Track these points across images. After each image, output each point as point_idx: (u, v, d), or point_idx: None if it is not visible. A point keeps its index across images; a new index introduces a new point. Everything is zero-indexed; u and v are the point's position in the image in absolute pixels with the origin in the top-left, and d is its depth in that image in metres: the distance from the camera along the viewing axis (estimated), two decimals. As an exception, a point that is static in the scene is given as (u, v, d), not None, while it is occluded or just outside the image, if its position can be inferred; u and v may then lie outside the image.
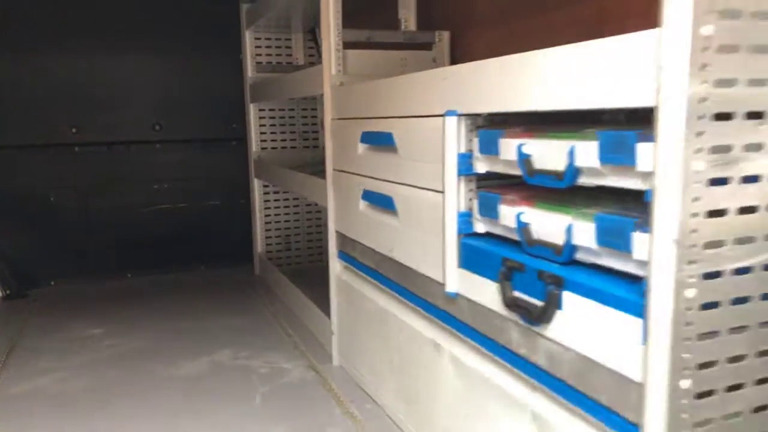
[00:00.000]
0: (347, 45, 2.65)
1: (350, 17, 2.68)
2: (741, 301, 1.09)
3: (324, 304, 2.92)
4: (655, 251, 1.06)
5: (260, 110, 4.25)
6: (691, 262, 1.04)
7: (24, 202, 4.11)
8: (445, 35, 2.98)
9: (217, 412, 2.39)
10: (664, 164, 1.03)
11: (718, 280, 1.06)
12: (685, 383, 1.07)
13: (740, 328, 1.10)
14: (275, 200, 4.32)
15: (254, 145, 4.28)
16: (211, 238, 4.49)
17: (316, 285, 3.28)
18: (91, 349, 3.08)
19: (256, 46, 4.21)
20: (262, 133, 4.28)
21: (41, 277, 4.19)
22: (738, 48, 1.01)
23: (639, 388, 1.12)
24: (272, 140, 4.30)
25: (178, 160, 4.41)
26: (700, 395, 1.09)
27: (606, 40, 1.16)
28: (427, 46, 3.00)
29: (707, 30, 0.98)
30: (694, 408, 1.09)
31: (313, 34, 4.26)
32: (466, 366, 1.72)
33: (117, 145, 4.30)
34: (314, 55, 4.33)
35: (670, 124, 1.02)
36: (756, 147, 1.06)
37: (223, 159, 4.48)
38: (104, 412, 2.42)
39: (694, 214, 1.03)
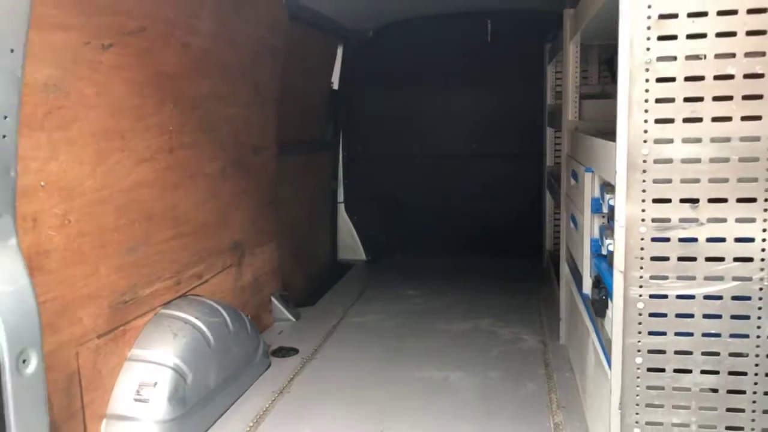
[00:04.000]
0: (584, 96, 3.40)
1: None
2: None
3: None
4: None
5: (556, 132, 5.10)
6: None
7: (379, 200, 5.75)
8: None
9: (463, 353, 3.48)
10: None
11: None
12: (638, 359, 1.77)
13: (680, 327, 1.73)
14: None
15: (548, 160, 5.16)
16: (510, 233, 5.53)
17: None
18: (404, 304, 4.45)
19: (557, 78, 5.04)
20: (556, 150, 5.12)
21: (388, 251, 5.80)
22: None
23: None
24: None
25: (488, 170, 5.56)
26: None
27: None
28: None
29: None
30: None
31: (608, 63, 4.90)
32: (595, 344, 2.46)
33: (445, 158, 5.66)
34: (608, 83, 4.97)
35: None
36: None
37: (523, 170, 5.48)
38: (399, 342, 3.72)
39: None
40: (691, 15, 1.65)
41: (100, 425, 2.45)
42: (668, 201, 1.72)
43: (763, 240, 1.68)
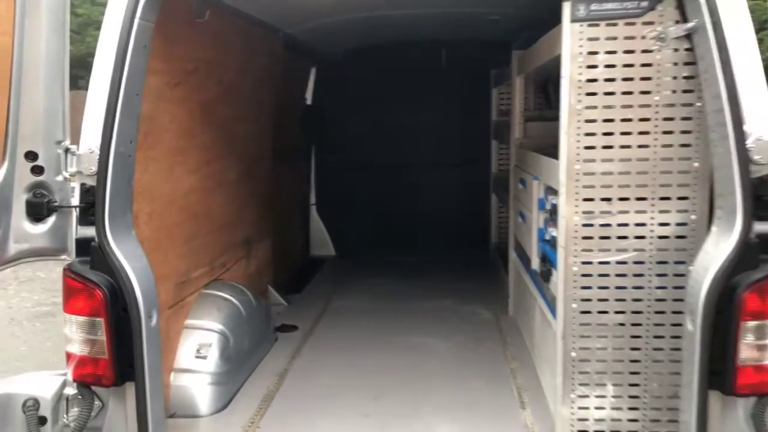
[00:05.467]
0: (527, 119, 4.32)
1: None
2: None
3: (510, 278, 4.65)
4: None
5: (499, 144, 6.04)
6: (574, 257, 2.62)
7: (347, 202, 6.51)
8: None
9: (433, 324, 4.33)
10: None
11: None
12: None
13: (600, 289, 2.63)
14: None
15: (493, 167, 6.10)
16: (462, 229, 6.43)
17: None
18: (378, 290, 5.27)
19: (500, 99, 5.97)
20: (500, 159, 6.06)
21: (355, 248, 6.51)
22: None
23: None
24: (505, 165, 6.07)
25: (442, 176, 6.47)
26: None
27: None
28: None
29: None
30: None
31: (543, 88, 5.87)
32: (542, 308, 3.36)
33: (405, 166, 6.53)
34: (542, 105, 5.94)
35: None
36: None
37: (472, 176, 6.40)
38: (380, 318, 4.54)
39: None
40: (606, 80, 2.55)
41: (170, 377, 3.16)
42: (592, 200, 2.61)
43: (652, 225, 2.59)
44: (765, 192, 2.23)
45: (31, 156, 2.39)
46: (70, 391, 2.51)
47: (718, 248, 2.27)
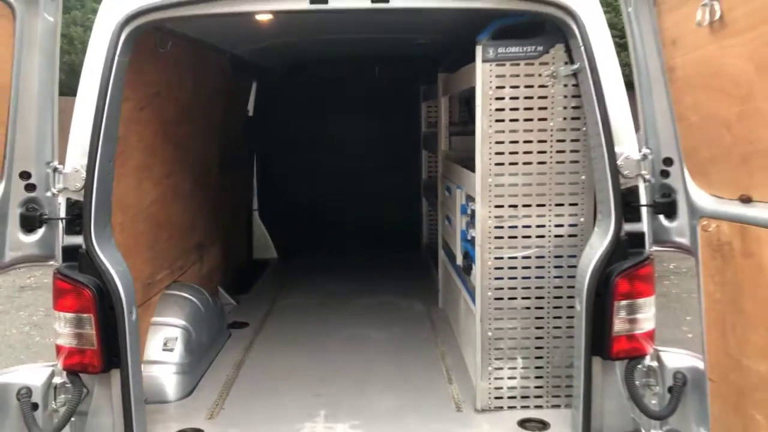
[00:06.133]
0: (452, 133, 4.89)
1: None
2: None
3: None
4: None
5: (428, 153, 6.62)
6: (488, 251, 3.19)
7: (288, 207, 6.96)
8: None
9: (374, 317, 4.84)
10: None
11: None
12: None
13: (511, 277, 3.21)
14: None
15: (423, 174, 6.68)
16: (395, 231, 6.98)
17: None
18: (321, 289, 5.73)
19: (429, 112, 6.56)
20: (429, 167, 6.64)
21: (296, 251, 6.98)
22: (503, 184, 3.14)
23: (479, 294, 3.29)
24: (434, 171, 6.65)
25: (376, 182, 7.00)
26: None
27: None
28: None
29: (489, 179, 3.13)
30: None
31: (467, 103, 6.49)
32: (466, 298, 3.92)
33: (343, 173, 7.03)
34: (465, 117, 6.57)
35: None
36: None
37: (404, 181, 6.96)
38: (325, 314, 5.02)
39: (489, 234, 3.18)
40: (511, 109, 3.13)
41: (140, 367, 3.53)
42: (502, 206, 3.18)
43: (550, 226, 3.19)
44: (632, 199, 2.85)
45: (25, 175, 2.75)
46: (58, 380, 2.88)
47: (598, 244, 2.88)
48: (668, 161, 2.78)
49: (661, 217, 2.84)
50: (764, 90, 1.96)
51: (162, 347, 3.62)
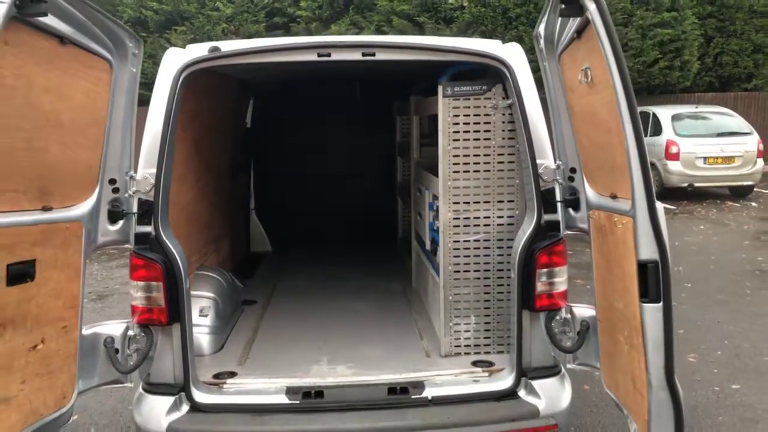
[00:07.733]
0: (422, 144, 6.01)
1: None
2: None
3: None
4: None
5: (403, 160, 7.73)
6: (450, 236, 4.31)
7: (281, 207, 8.02)
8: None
9: (360, 295, 5.93)
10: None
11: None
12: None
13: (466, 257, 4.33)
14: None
15: (399, 178, 7.79)
16: (375, 227, 8.08)
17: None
18: (314, 275, 6.81)
19: (402, 125, 7.67)
20: (403, 172, 7.76)
21: (289, 245, 8.05)
22: (459, 186, 4.27)
23: (442, 269, 4.40)
24: (407, 175, 7.76)
25: (358, 185, 8.09)
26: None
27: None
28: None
29: (448, 183, 4.26)
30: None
31: (434, 119, 7.62)
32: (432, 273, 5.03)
33: (329, 177, 8.10)
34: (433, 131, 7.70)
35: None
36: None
37: (382, 184, 8.07)
38: (321, 293, 6.09)
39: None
40: (464, 132, 4.24)
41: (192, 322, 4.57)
42: (459, 203, 4.30)
43: (494, 218, 4.31)
44: (550, 197, 3.97)
45: (112, 181, 3.79)
46: (131, 332, 3.92)
47: (527, 229, 4.00)
48: (573, 170, 3.92)
49: (570, 209, 3.98)
50: (582, 128, 3.08)
51: (199, 314, 4.66)
